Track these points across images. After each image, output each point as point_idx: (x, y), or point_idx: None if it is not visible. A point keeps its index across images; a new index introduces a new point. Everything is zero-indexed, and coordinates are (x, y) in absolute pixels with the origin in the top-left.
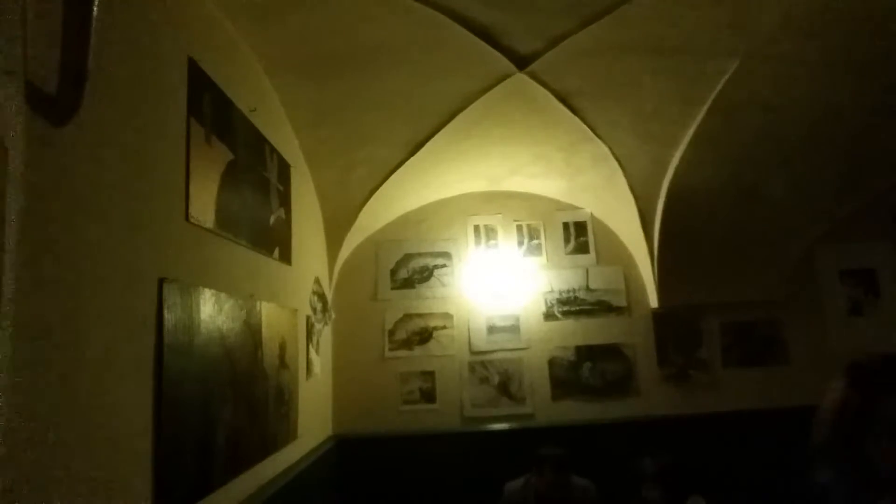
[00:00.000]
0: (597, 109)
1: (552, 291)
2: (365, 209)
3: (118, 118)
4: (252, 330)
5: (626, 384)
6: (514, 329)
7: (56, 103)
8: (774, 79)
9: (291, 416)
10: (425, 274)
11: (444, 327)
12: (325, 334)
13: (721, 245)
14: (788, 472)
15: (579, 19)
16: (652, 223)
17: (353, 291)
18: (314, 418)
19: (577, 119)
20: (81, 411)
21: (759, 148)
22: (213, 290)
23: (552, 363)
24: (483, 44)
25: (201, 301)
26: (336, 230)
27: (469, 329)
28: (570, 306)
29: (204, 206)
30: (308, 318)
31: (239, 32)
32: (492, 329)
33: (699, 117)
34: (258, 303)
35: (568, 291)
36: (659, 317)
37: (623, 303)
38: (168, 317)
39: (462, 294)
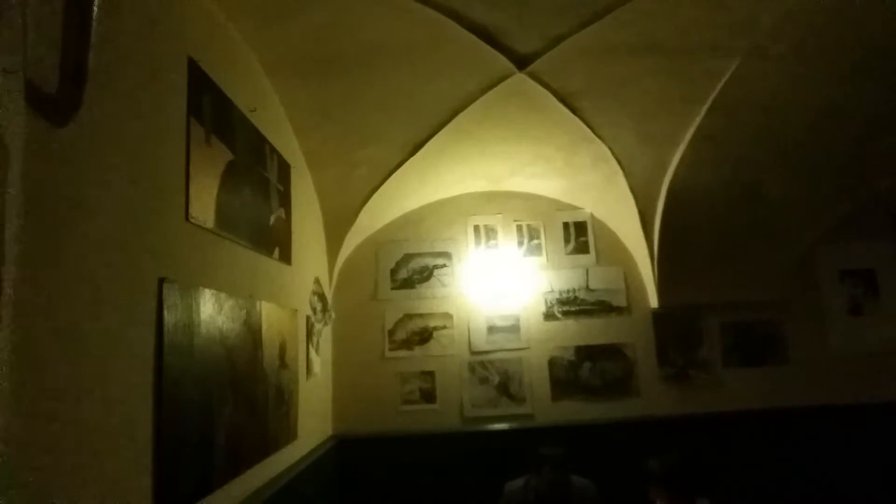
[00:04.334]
0: (597, 109)
1: (552, 291)
2: (365, 209)
3: (118, 118)
4: (252, 330)
5: (626, 384)
6: (514, 329)
7: (56, 103)
8: (774, 79)
9: (291, 416)
10: (425, 274)
11: (444, 327)
12: (325, 334)
13: (721, 245)
14: (788, 471)
15: (579, 19)
16: (652, 223)
17: (353, 291)
18: (314, 418)
19: (577, 119)
20: (81, 411)
21: (759, 148)
22: (213, 290)
23: (552, 363)
24: (483, 44)
25: (201, 301)
26: (336, 230)
27: (469, 329)
28: (570, 306)
29: (204, 206)
30: (308, 318)
31: (239, 32)
32: (492, 329)
33: (699, 117)
34: (258, 303)
35: (568, 291)
36: (659, 317)
37: (623, 303)
38: (168, 317)
39: (462, 294)
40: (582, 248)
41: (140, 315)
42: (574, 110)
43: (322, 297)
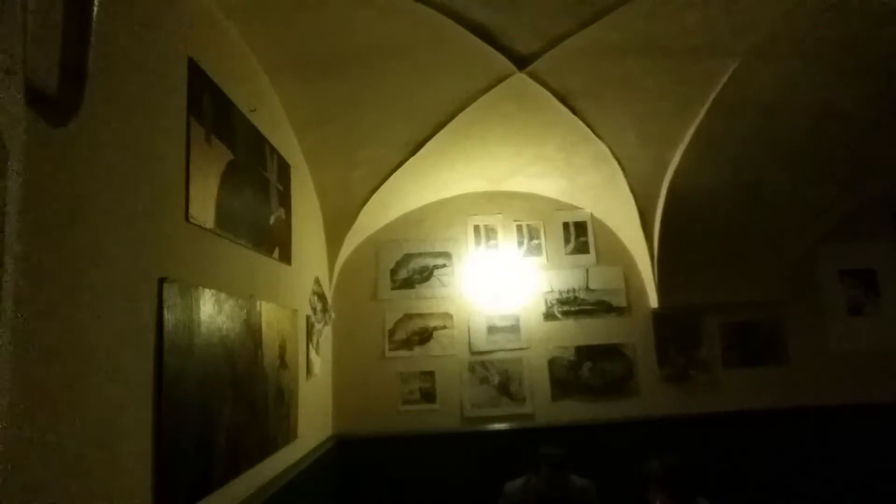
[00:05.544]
0: (597, 109)
1: (552, 291)
2: (365, 209)
3: (118, 118)
4: (252, 330)
5: (625, 384)
6: (514, 329)
7: (56, 103)
8: (774, 79)
9: (291, 416)
10: (425, 274)
11: (444, 327)
12: (325, 334)
13: (721, 245)
14: (788, 471)
15: (579, 19)
16: (652, 223)
17: (353, 291)
18: (314, 418)
19: (577, 119)
20: (81, 411)
21: (759, 148)
22: (213, 290)
23: (552, 363)
24: (483, 44)
25: (201, 301)
26: (336, 230)
27: (469, 329)
28: (570, 306)
29: (204, 206)
30: (308, 318)
31: (239, 32)
32: (492, 329)
33: (699, 117)
34: (258, 303)
35: (568, 291)
36: (659, 317)
37: (623, 303)
38: (168, 317)
39: (462, 294)
40: (582, 248)
41: (140, 315)
42: (574, 110)
43: (322, 297)
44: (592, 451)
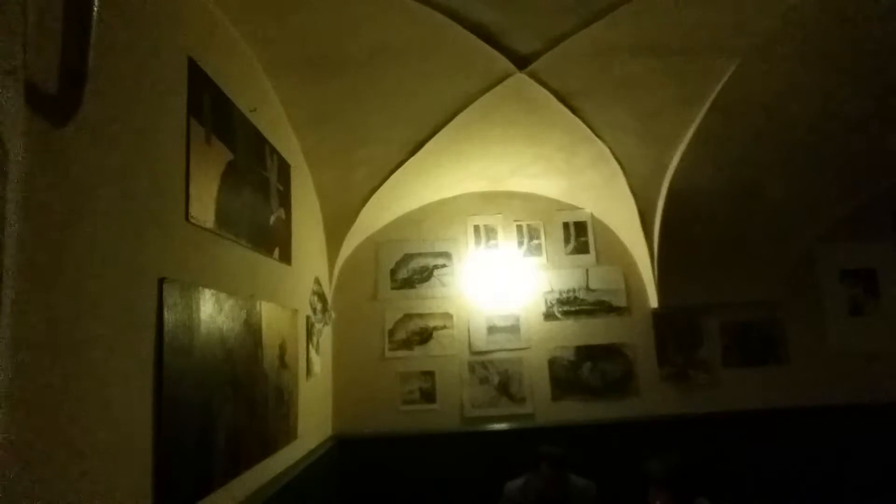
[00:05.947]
0: (597, 109)
1: (552, 291)
2: (365, 209)
3: (118, 118)
4: (252, 330)
5: (626, 384)
6: (514, 329)
7: (56, 103)
8: (774, 79)
9: (291, 416)
10: (425, 274)
11: (444, 327)
12: (325, 334)
13: (721, 245)
14: (788, 471)
15: (579, 19)
16: (652, 223)
17: (353, 291)
18: (314, 418)
19: (577, 119)
20: (81, 411)
21: (759, 148)
22: (213, 290)
23: (552, 363)
24: (483, 44)
25: (201, 301)
26: (336, 230)
27: (469, 329)
28: (570, 306)
29: (204, 206)
30: (308, 318)
31: (239, 32)
32: (492, 329)
33: (699, 117)
34: (258, 303)
35: (568, 291)
36: (659, 317)
37: (623, 303)
38: (168, 317)
39: (462, 294)
40: (582, 248)
41: (140, 315)
42: (574, 110)
43: (322, 297)
44: (592, 451)
